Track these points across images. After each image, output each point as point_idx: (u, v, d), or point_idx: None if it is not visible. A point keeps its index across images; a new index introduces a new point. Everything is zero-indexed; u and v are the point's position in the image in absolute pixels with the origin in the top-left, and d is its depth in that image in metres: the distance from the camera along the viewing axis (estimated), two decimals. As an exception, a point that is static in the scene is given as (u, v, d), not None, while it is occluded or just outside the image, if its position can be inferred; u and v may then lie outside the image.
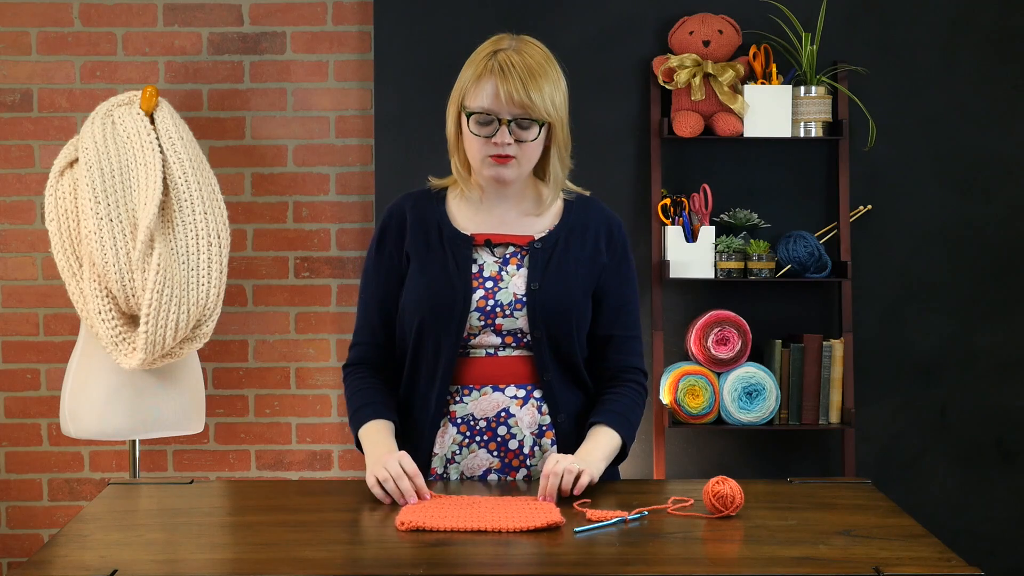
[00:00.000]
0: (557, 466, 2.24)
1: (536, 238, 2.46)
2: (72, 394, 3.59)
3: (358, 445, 2.47)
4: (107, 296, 3.44)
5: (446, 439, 2.46)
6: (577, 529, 2.07)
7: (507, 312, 2.41)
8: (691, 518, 2.15)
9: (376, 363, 2.52)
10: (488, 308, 2.41)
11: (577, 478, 2.25)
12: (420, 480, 2.26)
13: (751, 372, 3.78)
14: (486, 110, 2.36)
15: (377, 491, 2.26)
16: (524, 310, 2.41)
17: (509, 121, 2.35)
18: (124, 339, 3.45)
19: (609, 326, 2.49)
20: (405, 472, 2.24)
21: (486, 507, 2.19)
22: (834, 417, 3.86)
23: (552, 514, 2.11)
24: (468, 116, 2.38)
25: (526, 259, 2.45)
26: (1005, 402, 4.01)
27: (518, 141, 2.37)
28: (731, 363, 3.79)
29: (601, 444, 2.39)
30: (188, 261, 3.48)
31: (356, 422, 2.46)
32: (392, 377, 2.53)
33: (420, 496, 2.24)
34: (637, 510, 2.15)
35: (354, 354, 2.55)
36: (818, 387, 3.84)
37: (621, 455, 2.46)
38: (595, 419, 2.43)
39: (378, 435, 2.41)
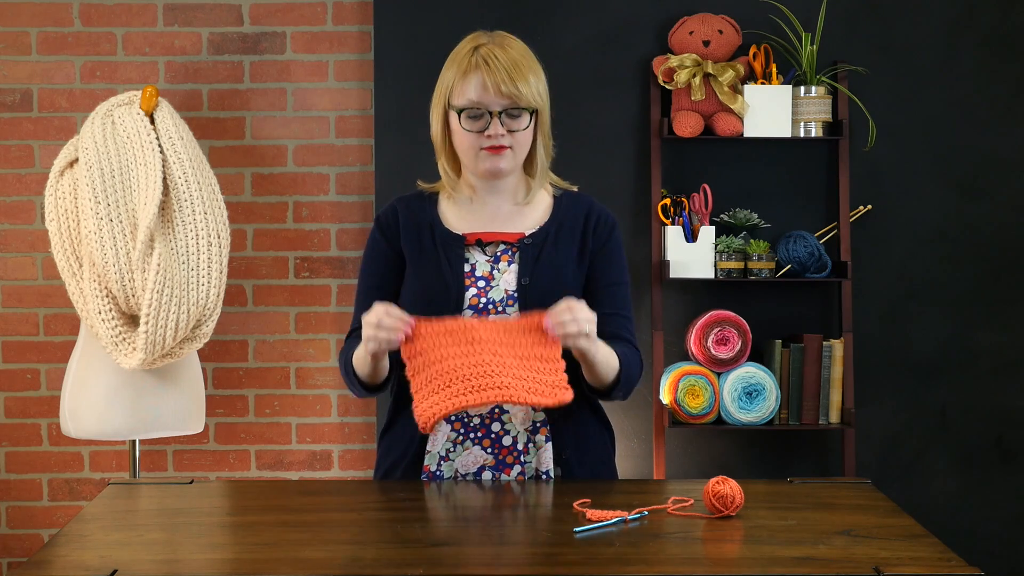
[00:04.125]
0: (578, 315, 2.27)
1: (526, 234, 2.47)
2: (72, 394, 3.59)
3: (356, 376, 2.44)
4: (107, 296, 3.44)
5: (439, 436, 2.46)
6: (577, 529, 2.07)
7: (500, 308, 2.42)
8: (691, 518, 2.15)
9: None
10: (481, 306, 2.42)
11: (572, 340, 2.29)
12: (401, 312, 2.28)
13: (751, 372, 3.78)
14: (475, 103, 2.38)
15: (372, 334, 2.27)
16: (516, 305, 2.42)
17: (500, 112, 2.38)
18: (124, 339, 3.45)
19: (597, 305, 2.46)
20: (387, 312, 2.27)
21: (489, 351, 2.22)
22: (834, 417, 3.86)
23: (560, 388, 2.17)
24: (459, 113, 2.40)
25: (517, 255, 2.46)
26: (1005, 402, 4.01)
27: (510, 131, 2.39)
28: (731, 363, 3.79)
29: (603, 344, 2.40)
30: (188, 261, 3.48)
31: (347, 355, 2.45)
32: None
33: (407, 326, 2.27)
34: (637, 510, 2.15)
35: (351, 335, 2.53)
36: (818, 387, 3.84)
37: (614, 387, 2.44)
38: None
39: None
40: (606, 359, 2.38)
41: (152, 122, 3.58)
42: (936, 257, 3.98)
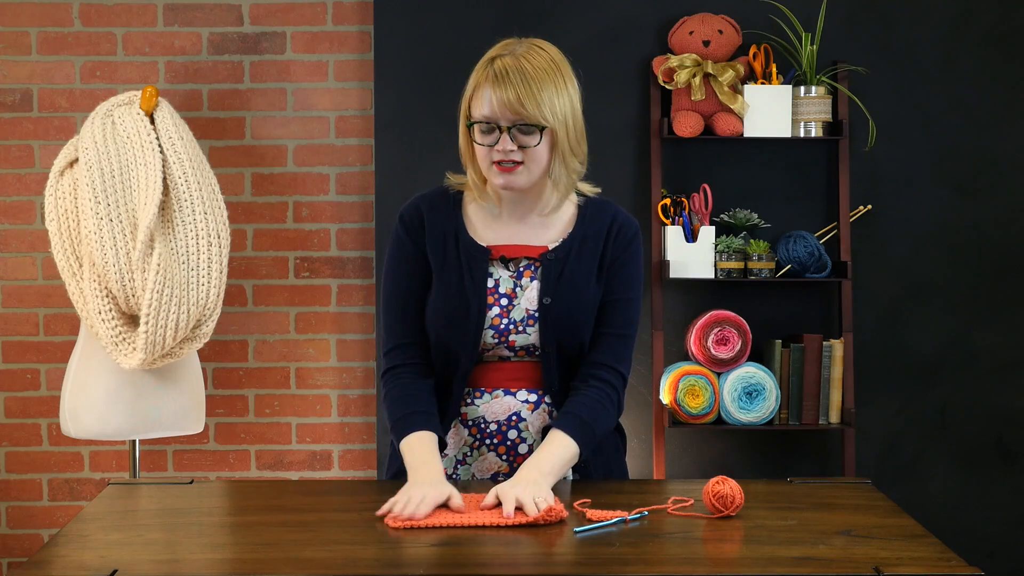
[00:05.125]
0: (529, 506, 2.12)
1: (549, 248, 2.43)
2: (72, 394, 3.59)
3: (397, 449, 2.39)
4: (107, 296, 3.44)
5: (457, 440, 2.45)
6: (577, 529, 2.07)
7: (520, 329, 2.40)
8: (691, 518, 2.15)
9: (418, 362, 2.45)
10: (503, 326, 2.40)
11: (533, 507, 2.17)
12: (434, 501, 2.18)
13: (751, 372, 3.78)
14: (486, 118, 2.32)
15: (405, 502, 2.16)
16: (536, 325, 2.39)
17: (509, 128, 2.32)
18: (124, 339, 3.45)
19: (598, 322, 2.44)
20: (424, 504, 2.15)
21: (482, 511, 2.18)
22: (834, 417, 3.86)
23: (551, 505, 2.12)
24: (471, 126, 2.35)
25: (539, 271, 2.42)
26: (1005, 402, 4.01)
27: (522, 147, 2.33)
28: (731, 363, 3.79)
29: (554, 455, 2.30)
30: (188, 261, 3.48)
31: (399, 431, 2.37)
32: (432, 372, 2.47)
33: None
34: (637, 510, 2.15)
35: (395, 357, 2.46)
36: (818, 387, 3.84)
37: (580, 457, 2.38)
38: (555, 424, 2.36)
39: (423, 452, 2.31)
40: (564, 467, 2.32)
41: (152, 122, 3.58)
42: (936, 257, 3.98)
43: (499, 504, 2.16)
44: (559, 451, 2.31)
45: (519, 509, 2.13)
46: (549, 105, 2.32)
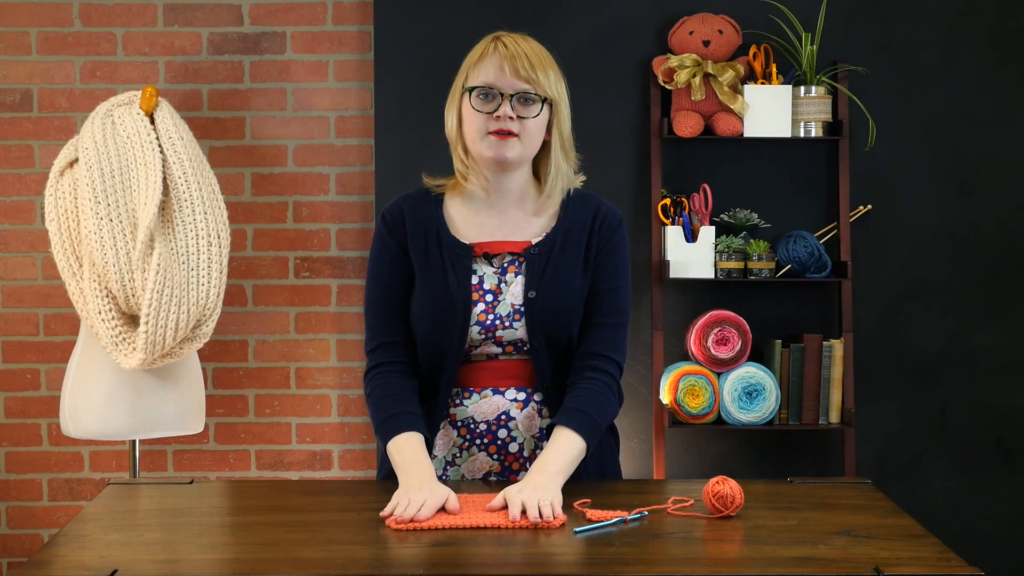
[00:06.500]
0: (531, 511, 2.12)
1: (533, 243, 2.44)
2: (72, 394, 3.59)
3: (385, 450, 2.38)
4: (107, 296, 3.44)
5: (446, 442, 2.45)
6: (577, 529, 2.07)
7: (507, 324, 2.40)
8: (691, 518, 2.15)
9: (402, 361, 2.45)
10: (488, 322, 2.40)
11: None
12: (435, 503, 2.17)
13: (751, 372, 3.78)
14: (490, 84, 2.35)
15: (390, 508, 2.17)
16: (523, 320, 2.40)
17: (511, 96, 2.34)
18: (124, 339, 3.45)
19: (589, 313, 2.44)
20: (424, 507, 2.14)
21: (482, 511, 2.18)
22: (834, 417, 3.86)
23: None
24: (470, 92, 2.36)
25: (523, 266, 2.42)
26: (1005, 402, 4.01)
27: (520, 118, 2.35)
28: (731, 363, 3.79)
29: (560, 454, 2.30)
30: (188, 261, 3.48)
31: (384, 432, 2.37)
32: (416, 373, 2.47)
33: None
34: (637, 510, 2.15)
35: (378, 355, 2.47)
36: (818, 387, 3.84)
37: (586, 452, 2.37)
38: (558, 420, 2.35)
39: (413, 454, 2.31)
40: (572, 464, 2.31)
41: (152, 122, 3.58)
42: (936, 257, 3.99)
43: (507, 507, 2.16)
44: (565, 448, 2.31)
45: (522, 513, 2.13)
46: (553, 81, 2.39)
